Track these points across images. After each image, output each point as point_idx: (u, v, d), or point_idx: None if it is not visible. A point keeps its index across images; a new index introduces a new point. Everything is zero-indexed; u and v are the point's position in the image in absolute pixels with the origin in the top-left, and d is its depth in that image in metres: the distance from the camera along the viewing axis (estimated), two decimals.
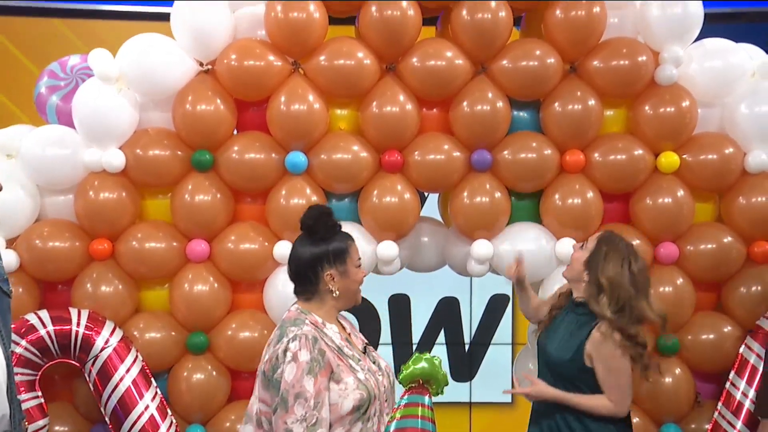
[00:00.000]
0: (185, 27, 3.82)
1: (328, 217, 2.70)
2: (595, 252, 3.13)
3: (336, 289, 2.65)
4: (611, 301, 3.05)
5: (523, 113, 3.99)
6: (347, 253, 2.68)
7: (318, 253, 2.65)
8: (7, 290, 2.48)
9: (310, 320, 2.62)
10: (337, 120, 3.96)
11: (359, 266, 2.73)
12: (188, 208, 3.86)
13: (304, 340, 2.53)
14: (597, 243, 3.16)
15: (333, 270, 2.65)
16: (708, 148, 3.92)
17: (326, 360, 2.53)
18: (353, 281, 2.69)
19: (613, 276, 3.07)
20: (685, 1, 3.87)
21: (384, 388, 2.66)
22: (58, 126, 3.98)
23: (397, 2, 3.77)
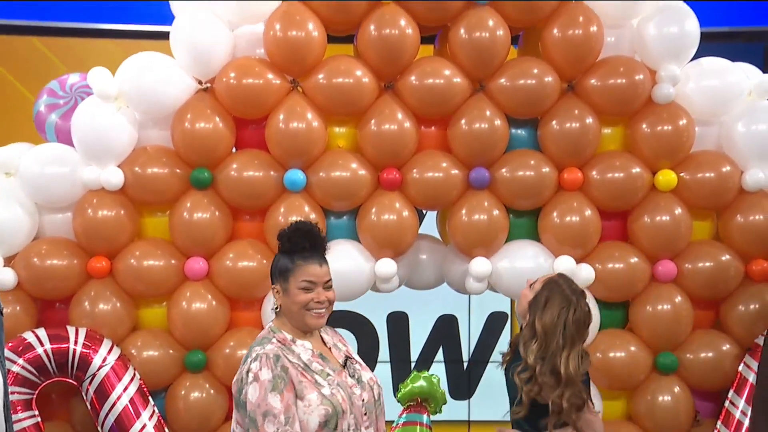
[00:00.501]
0: (184, 45, 3.83)
1: (294, 233, 2.67)
2: (539, 295, 3.03)
3: (278, 305, 2.67)
4: (539, 348, 2.96)
5: (521, 131, 4.00)
6: (291, 272, 2.64)
7: (272, 266, 2.71)
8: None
9: (278, 338, 2.63)
10: (336, 138, 3.97)
11: (304, 288, 2.64)
12: (187, 225, 3.86)
13: (265, 359, 2.54)
14: (542, 286, 3.05)
15: (278, 285, 2.67)
16: (705, 167, 3.93)
17: (290, 376, 2.53)
18: (293, 302, 2.64)
19: (548, 324, 2.97)
20: (681, 21, 3.88)
21: (363, 402, 2.63)
22: (57, 144, 3.98)
23: (396, 21, 3.79)
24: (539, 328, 2.97)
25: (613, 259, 3.91)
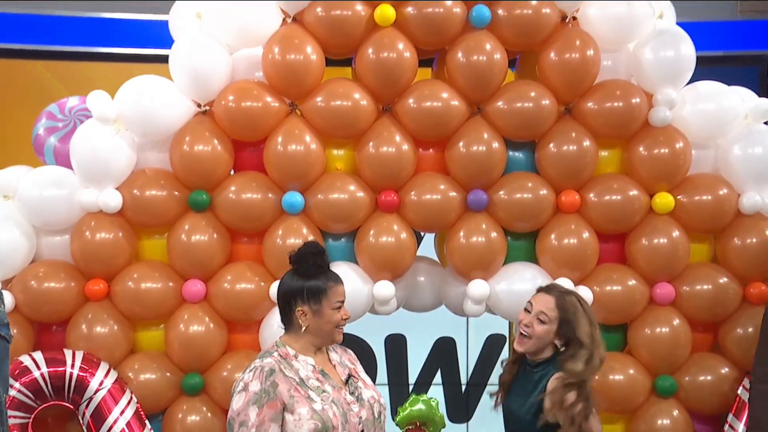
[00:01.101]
0: (184, 69, 3.85)
1: (316, 255, 2.78)
2: (565, 320, 3.05)
3: (305, 326, 2.74)
4: (588, 358, 3.00)
5: (519, 154, 4.01)
6: (324, 294, 2.75)
7: (295, 287, 2.76)
8: (6, 335, 2.58)
9: (281, 352, 2.73)
10: (334, 160, 3.99)
11: (338, 308, 2.77)
12: (185, 248, 3.86)
13: (259, 371, 2.65)
14: (560, 311, 3.06)
15: (305, 307, 2.74)
16: (702, 189, 3.94)
17: (277, 392, 2.62)
18: (327, 322, 2.76)
19: (588, 331, 3.03)
20: (677, 45, 3.91)
21: (360, 419, 2.70)
22: (55, 167, 3.99)
23: (394, 45, 3.81)
24: (585, 338, 3.00)
25: (612, 282, 3.91)
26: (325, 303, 2.74)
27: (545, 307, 3.07)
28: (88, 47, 5.83)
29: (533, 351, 3.10)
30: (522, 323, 3.10)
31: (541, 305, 3.08)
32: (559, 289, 3.14)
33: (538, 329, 3.06)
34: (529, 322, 3.08)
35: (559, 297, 3.09)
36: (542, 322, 3.06)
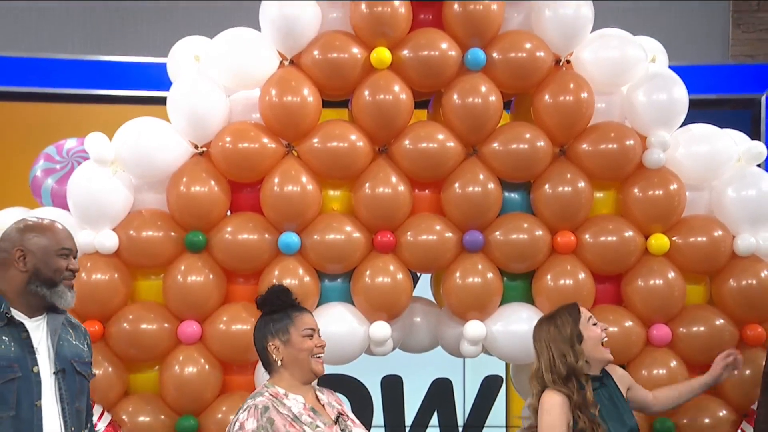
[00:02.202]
0: (181, 111, 3.88)
1: (280, 293, 2.87)
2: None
3: (280, 359, 2.81)
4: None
5: (514, 194, 4.03)
6: (289, 322, 2.83)
7: (263, 329, 2.85)
8: (87, 373, 2.81)
9: (271, 392, 2.77)
10: (330, 201, 4.00)
11: (309, 336, 2.83)
12: (180, 289, 3.85)
13: (253, 409, 2.70)
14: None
15: (275, 341, 2.82)
16: (697, 231, 3.96)
17: (275, 428, 2.67)
18: (299, 350, 2.82)
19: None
20: (670, 88, 3.95)
21: None
22: (52, 208, 3.99)
23: (390, 87, 3.85)
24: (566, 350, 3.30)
25: (608, 323, 3.84)
26: (292, 331, 2.81)
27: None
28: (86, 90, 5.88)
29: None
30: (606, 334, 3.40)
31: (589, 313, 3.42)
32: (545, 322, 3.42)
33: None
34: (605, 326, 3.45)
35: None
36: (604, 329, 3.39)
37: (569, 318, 3.33)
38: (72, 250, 2.82)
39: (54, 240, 2.77)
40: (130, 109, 4.92)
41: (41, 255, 2.73)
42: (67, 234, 2.83)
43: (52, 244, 2.76)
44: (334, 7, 3.96)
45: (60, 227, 2.84)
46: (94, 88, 5.98)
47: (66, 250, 2.79)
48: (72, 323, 2.88)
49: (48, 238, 2.77)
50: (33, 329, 2.72)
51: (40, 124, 5.80)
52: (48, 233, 2.78)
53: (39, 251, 2.73)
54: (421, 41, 3.88)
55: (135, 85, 5.89)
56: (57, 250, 2.76)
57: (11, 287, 2.72)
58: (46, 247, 2.74)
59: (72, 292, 2.79)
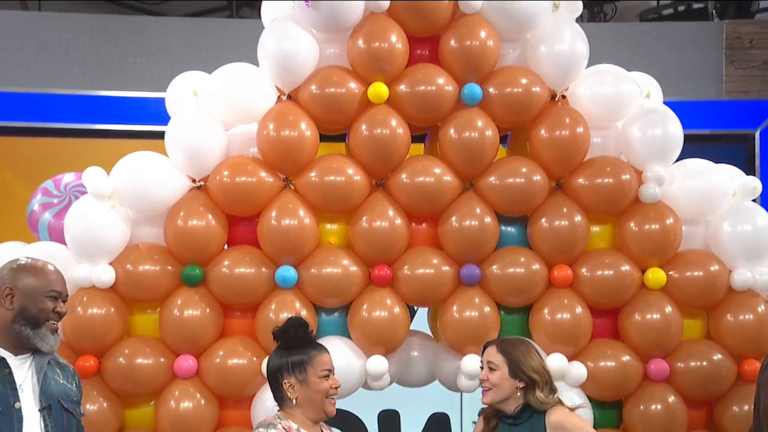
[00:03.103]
0: (179, 145, 3.89)
1: (299, 328, 2.87)
2: (511, 360, 3.27)
3: (294, 398, 2.81)
4: (545, 386, 3.26)
5: (511, 228, 4.04)
6: (308, 362, 2.82)
7: (279, 362, 2.84)
8: (76, 412, 2.78)
9: (284, 425, 2.78)
10: (328, 234, 4.00)
11: (325, 377, 2.84)
12: (177, 323, 3.83)
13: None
14: (503, 355, 3.29)
15: (292, 378, 2.82)
16: (694, 265, 3.96)
17: None
18: (315, 392, 2.82)
19: (537, 366, 3.28)
20: (664, 123, 3.98)
21: None
22: (49, 243, 3.99)
23: (387, 121, 3.88)
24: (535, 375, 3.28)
25: (606, 357, 3.89)
26: (310, 372, 2.81)
27: (490, 356, 3.31)
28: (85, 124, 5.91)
29: (500, 400, 3.29)
30: (480, 380, 3.34)
31: (487, 356, 3.32)
32: (500, 339, 3.53)
33: (493, 378, 3.28)
34: (485, 375, 3.31)
35: (499, 344, 3.36)
36: (493, 370, 3.29)
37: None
38: (61, 294, 2.82)
39: (44, 281, 2.78)
40: (129, 144, 4.93)
41: (29, 295, 2.75)
42: (58, 277, 2.84)
43: (41, 285, 2.77)
44: (331, 43, 4.00)
45: (52, 269, 2.84)
46: (93, 122, 6.01)
47: (55, 293, 2.80)
48: (60, 363, 2.89)
49: (38, 278, 2.78)
50: (17, 366, 2.72)
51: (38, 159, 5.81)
52: (39, 274, 2.80)
53: (27, 291, 2.75)
54: (418, 76, 3.91)
55: (133, 119, 5.93)
56: (45, 292, 2.77)
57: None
58: (35, 287, 2.76)
59: (55, 336, 2.79)
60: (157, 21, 7.01)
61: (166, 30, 6.56)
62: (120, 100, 6.11)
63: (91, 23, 6.54)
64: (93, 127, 5.97)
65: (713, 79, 6.65)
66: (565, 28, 4.02)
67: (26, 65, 6.35)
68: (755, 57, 6.67)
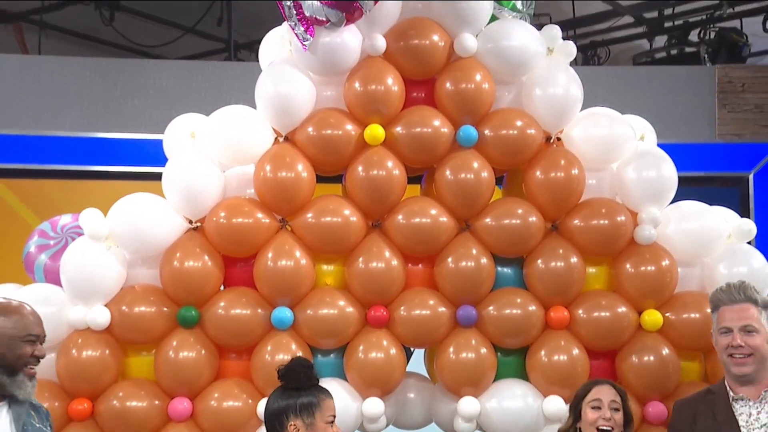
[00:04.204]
0: (176, 186, 3.90)
1: (304, 369, 2.83)
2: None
3: None
4: None
5: (507, 269, 4.04)
6: (317, 407, 2.79)
7: (285, 403, 2.80)
8: None
9: None
10: (324, 275, 4.00)
11: (330, 423, 2.80)
12: (172, 365, 3.81)
13: None
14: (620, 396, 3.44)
15: (298, 421, 2.77)
16: (691, 307, 3.95)
17: None
18: None
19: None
20: (659, 165, 4.00)
21: None
22: (44, 284, 3.98)
23: (383, 163, 3.90)
24: None
25: None
26: (318, 416, 2.77)
27: (613, 396, 3.42)
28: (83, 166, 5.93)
29: None
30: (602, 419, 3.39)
31: (609, 395, 3.42)
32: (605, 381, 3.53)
33: (617, 417, 3.40)
34: (608, 416, 3.38)
35: (613, 385, 3.48)
36: (617, 410, 3.40)
37: (579, 390, 3.49)
38: (39, 336, 2.72)
39: (21, 324, 2.69)
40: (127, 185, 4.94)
41: (5, 341, 2.65)
42: (35, 319, 2.74)
43: (18, 328, 2.68)
44: (328, 85, 4.04)
45: (29, 310, 2.74)
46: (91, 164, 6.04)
47: (33, 336, 2.71)
48: (34, 405, 2.82)
49: (14, 321, 2.68)
50: None
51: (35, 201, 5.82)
52: (14, 317, 2.70)
53: (3, 336, 2.65)
54: (414, 118, 3.95)
55: (131, 161, 5.95)
56: (23, 336, 2.68)
57: None
58: (11, 333, 2.66)
59: (32, 382, 2.71)
60: (155, 63, 7.08)
61: (164, 72, 6.63)
62: (118, 142, 6.15)
63: (89, 66, 6.60)
64: (91, 169, 5.99)
65: (706, 122, 6.71)
66: (560, 71, 4.07)
67: (26, 108, 6.40)
68: (747, 101, 6.74)
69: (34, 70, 6.50)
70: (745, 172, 6.37)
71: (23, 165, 5.93)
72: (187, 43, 8.58)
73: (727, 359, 3.31)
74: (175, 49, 8.46)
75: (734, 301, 3.31)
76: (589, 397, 3.41)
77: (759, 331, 3.26)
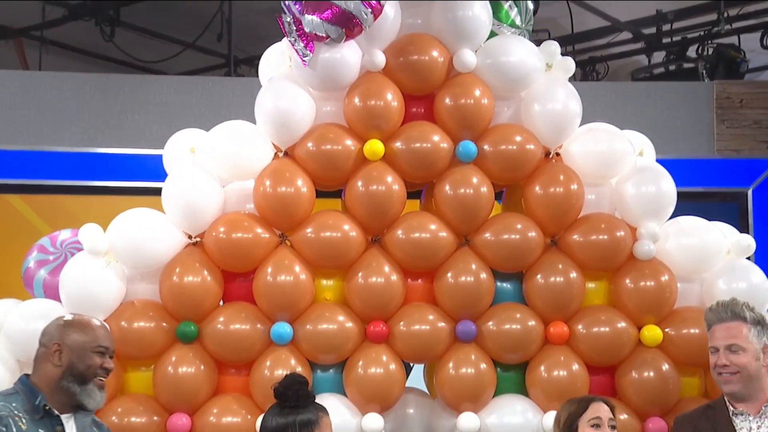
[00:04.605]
0: (176, 201, 3.91)
1: (301, 386, 2.84)
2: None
3: None
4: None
5: (507, 284, 4.04)
6: (316, 424, 2.79)
7: (285, 421, 2.80)
8: None
9: None
10: (323, 290, 4.00)
11: None
12: (171, 380, 3.80)
13: None
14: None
15: None
16: (690, 323, 3.94)
17: None
18: None
19: None
20: (657, 181, 4.00)
21: None
22: (43, 300, 3.97)
23: (383, 178, 3.90)
24: None
25: None
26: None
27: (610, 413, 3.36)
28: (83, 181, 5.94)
29: None
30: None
31: (607, 413, 3.35)
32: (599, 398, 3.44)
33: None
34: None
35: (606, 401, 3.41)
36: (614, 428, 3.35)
37: (573, 408, 3.38)
38: (108, 349, 2.89)
39: (92, 336, 2.86)
40: (127, 200, 4.96)
41: (77, 351, 2.81)
42: (105, 332, 2.92)
43: (89, 340, 2.84)
44: (328, 101, 4.06)
45: (99, 324, 2.92)
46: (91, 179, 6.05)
47: (102, 348, 2.87)
48: (96, 422, 2.93)
49: (86, 334, 2.85)
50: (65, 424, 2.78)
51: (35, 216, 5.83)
52: (87, 330, 2.87)
53: (76, 347, 2.82)
54: (413, 134, 3.96)
55: (132, 176, 5.97)
56: (93, 347, 2.84)
57: (45, 382, 2.79)
58: (83, 343, 2.83)
59: (102, 393, 2.85)
60: (155, 79, 7.10)
61: (164, 88, 6.65)
62: (118, 157, 6.16)
63: (90, 81, 6.63)
64: (92, 184, 6.00)
65: (705, 137, 6.72)
66: (559, 87, 4.08)
67: (26, 123, 6.42)
68: (746, 116, 6.76)
69: (34, 86, 6.53)
70: (743, 188, 6.38)
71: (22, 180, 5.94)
72: (187, 58, 8.62)
73: (717, 377, 3.32)
74: (176, 65, 8.49)
75: (722, 319, 3.31)
76: (588, 415, 3.34)
77: (746, 349, 3.25)
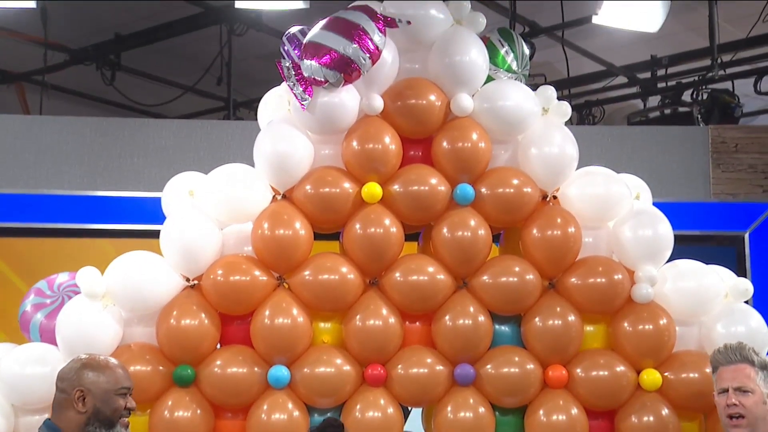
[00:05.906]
0: (174, 244, 3.91)
1: (336, 429, 2.75)
2: None
3: None
4: None
5: (505, 327, 4.03)
6: None
7: None
8: None
9: None
10: (321, 333, 3.98)
11: None
12: (167, 425, 3.77)
13: None
14: None
15: None
16: (690, 367, 3.93)
17: None
18: None
19: None
20: (654, 224, 4.01)
21: None
22: (39, 344, 3.95)
23: (381, 221, 3.91)
24: None
25: None
26: None
27: None
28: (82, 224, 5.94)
29: None
30: None
31: None
32: None
33: None
34: None
35: None
36: None
37: None
38: (130, 389, 2.89)
39: (113, 379, 2.84)
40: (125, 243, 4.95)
41: (101, 395, 2.80)
42: (124, 372, 2.91)
43: (111, 383, 2.83)
44: (326, 144, 4.07)
45: (116, 364, 2.91)
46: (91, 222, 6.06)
47: (125, 389, 2.87)
48: None
49: (107, 376, 2.84)
50: None
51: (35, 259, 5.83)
52: (107, 372, 2.85)
53: (99, 391, 2.80)
54: (411, 176, 3.97)
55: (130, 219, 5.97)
56: (116, 390, 2.84)
57: (69, 428, 2.78)
58: (105, 387, 2.82)
59: (127, 431, 2.85)
60: (155, 122, 7.14)
61: (163, 131, 6.68)
62: (117, 200, 6.17)
63: (90, 125, 6.66)
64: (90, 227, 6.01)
65: (701, 181, 6.74)
66: (555, 130, 4.11)
67: (26, 167, 6.44)
68: (741, 161, 6.79)
69: (35, 130, 6.56)
70: (740, 231, 6.39)
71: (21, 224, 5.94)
72: (186, 101, 8.69)
73: (726, 420, 3.33)
74: (175, 108, 8.56)
75: (731, 361, 3.35)
76: None
77: (753, 391, 3.29)
